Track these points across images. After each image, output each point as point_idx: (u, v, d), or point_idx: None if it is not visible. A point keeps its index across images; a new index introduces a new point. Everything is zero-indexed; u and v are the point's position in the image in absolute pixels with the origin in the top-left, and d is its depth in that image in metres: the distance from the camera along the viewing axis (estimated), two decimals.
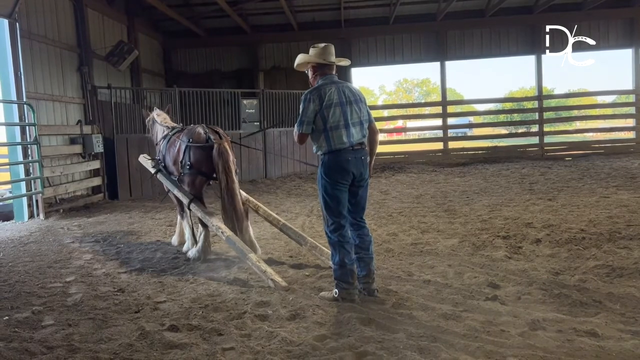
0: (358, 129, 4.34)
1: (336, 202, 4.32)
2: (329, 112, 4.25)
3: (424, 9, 17.18)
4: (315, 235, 6.94)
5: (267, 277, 4.84)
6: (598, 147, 17.90)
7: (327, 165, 4.31)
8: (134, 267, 5.75)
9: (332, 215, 4.35)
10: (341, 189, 4.31)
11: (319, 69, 4.48)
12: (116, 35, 13.40)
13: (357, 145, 4.33)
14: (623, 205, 7.79)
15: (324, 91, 4.30)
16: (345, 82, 4.50)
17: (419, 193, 10.63)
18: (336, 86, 4.36)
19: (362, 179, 4.39)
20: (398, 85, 66.76)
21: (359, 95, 4.45)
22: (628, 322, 3.58)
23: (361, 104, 4.42)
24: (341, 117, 4.27)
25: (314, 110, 4.29)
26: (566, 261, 5.13)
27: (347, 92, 4.36)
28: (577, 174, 12.25)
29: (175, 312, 4.25)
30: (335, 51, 4.63)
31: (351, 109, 4.32)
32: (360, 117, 4.37)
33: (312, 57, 4.49)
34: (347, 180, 4.31)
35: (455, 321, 3.77)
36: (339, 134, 4.26)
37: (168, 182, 6.41)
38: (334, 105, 4.27)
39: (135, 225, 8.31)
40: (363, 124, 4.40)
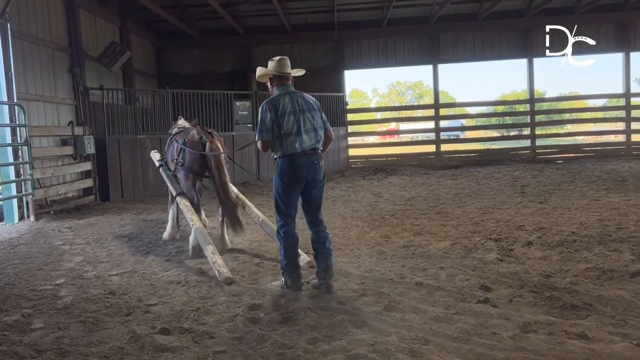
0: (311, 135, 4.68)
1: (285, 202, 4.70)
2: (284, 120, 4.61)
3: (416, 12, 17.24)
4: (308, 238, 6.93)
5: (215, 267, 5.24)
6: (589, 150, 18.03)
7: (281, 168, 4.68)
8: (126, 269, 5.72)
9: (280, 214, 4.76)
10: (292, 191, 4.68)
11: (276, 80, 4.86)
12: (108, 36, 13.34)
13: (309, 151, 4.66)
14: (613, 208, 7.85)
15: (278, 101, 4.68)
16: (300, 92, 4.84)
17: (412, 195, 10.65)
18: (290, 96, 4.72)
19: (314, 181, 4.72)
20: (391, 88, 66.90)
21: (312, 104, 4.79)
22: (618, 325, 3.60)
23: (314, 112, 4.76)
24: (294, 125, 4.62)
25: (271, 119, 4.64)
26: (557, 264, 5.16)
27: (301, 101, 4.73)
28: (568, 177, 12.33)
29: (167, 314, 4.23)
30: (328, 53, 4.72)
31: (304, 117, 4.67)
32: (313, 124, 4.70)
33: (269, 69, 4.88)
34: (299, 183, 4.67)
35: (447, 324, 3.78)
36: (292, 140, 4.61)
37: (165, 176, 7.05)
38: (287, 113, 4.63)
39: (127, 227, 8.27)
40: (317, 130, 4.73)
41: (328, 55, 17.66)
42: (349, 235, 7.07)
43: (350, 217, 8.43)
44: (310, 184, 4.71)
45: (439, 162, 17.37)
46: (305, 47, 17.69)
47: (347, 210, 9.12)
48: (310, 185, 4.71)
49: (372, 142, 23.67)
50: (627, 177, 11.78)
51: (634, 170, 13.13)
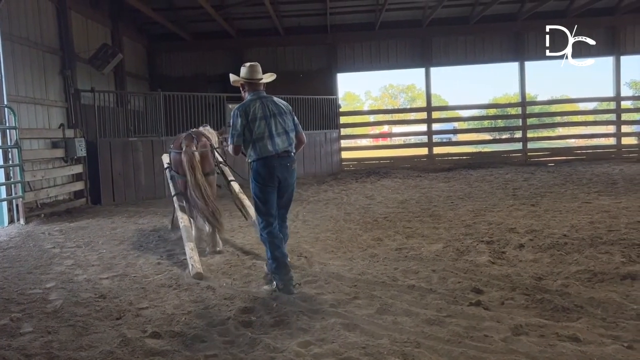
0: (284, 138, 4.85)
1: (264, 203, 4.86)
2: (255, 125, 4.79)
3: (409, 16, 17.30)
4: (301, 241, 6.94)
5: (189, 262, 5.52)
6: (580, 153, 18.15)
7: (256, 171, 4.84)
8: (117, 272, 5.68)
9: (262, 215, 4.91)
10: (269, 192, 4.84)
11: (247, 86, 5.02)
12: (100, 38, 13.28)
13: (282, 153, 4.83)
14: (604, 211, 7.89)
15: (249, 107, 4.85)
16: (271, 97, 5.01)
17: (404, 198, 10.66)
18: (261, 101, 4.90)
19: (287, 183, 4.91)
20: (384, 91, 67.10)
21: (283, 108, 4.96)
22: (609, 327, 3.61)
23: (285, 116, 4.93)
24: (265, 129, 4.79)
25: (241, 124, 4.82)
26: (549, 266, 5.18)
27: (271, 106, 4.89)
28: (559, 180, 12.39)
29: (158, 318, 4.20)
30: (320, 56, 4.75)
31: (275, 121, 4.84)
32: (284, 127, 4.87)
33: (241, 76, 5.05)
34: (274, 184, 4.84)
35: (439, 326, 3.78)
36: (264, 143, 4.78)
37: (169, 177, 7.22)
38: (258, 118, 4.80)
39: (117, 230, 8.21)
40: (288, 133, 4.90)
41: (321, 58, 17.68)
42: (341, 238, 7.06)
43: (342, 220, 8.42)
44: (283, 184, 4.89)
45: (432, 164, 17.42)
46: (298, 49, 17.70)
47: (339, 213, 9.11)
48: (282, 186, 4.89)
49: (365, 145, 23.71)
50: (618, 179, 11.86)
51: (625, 173, 13.22)
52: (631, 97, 31.01)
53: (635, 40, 17.37)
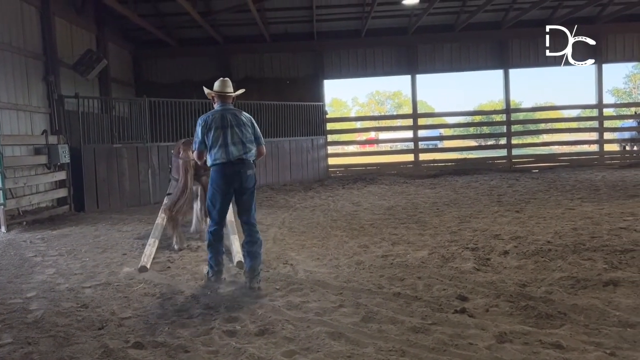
0: (239, 147, 5.20)
1: (214, 206, 5.28)
2: (211, 134, 5.20)
3: (395, 23, 17.42)
4: (286, 248, 6.92)
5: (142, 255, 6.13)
6: (564, 160, 18.37)
7: (212, 176, 5.30)
8: (99, 281, 5.61)
9: (210, 216, 5.39)
10: (220, 197, 5.23)
11: (217, 98, 5.45)
12: (85, 44, 13.16)
13: (236, 160, 5.17)
14: (587, 217, 7.98)
15: (210, 117, 5.29)
16: (235, 110, 5.40)
17: (391, 204, 10.69)
18: (222, 112, 5.30)
19: (243, 188, 5.23)
20: (370, 97, 67.39)
21: (243, 120, 5.32)
22: (592, 334, 3.64)
23: (243, 127, 5.28)
24: (220, 138, 5.18)
25: (202, 132, 5.25)
26: (533, 273, 5.21)
27: (230, 118, 5.26)
28: (543, 186, 12.52)
29: (141, 328, 4.15)
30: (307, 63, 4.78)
31: (232, 131, 5.21)
32: (241, 137, 5.23)
33: (214, 89, 5.49)
34: (226, 189, 5.20)
35: (424, 334, 3.78)
36: (218, 150, 5.18)
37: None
38: (215, 128, 5.20)
39: (101, 238, 8.11)
40: (245, 143, 5.24)
41: (307, 65, 17.72)
42: (327, 245, 7.05)
43: (329, 227, 8.41)
44: (239, 190, 5.23)
45: (418, 171, 17.51)
46: (285, 56, 17.72)
47: (326, 220, 9.10)
48: (239, 191, 5.24)
49: (352, 152, 23.75)
50: (601, 186, 12.02)
51: (607, 179, 13.40)
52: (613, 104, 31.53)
53: (617, 48, 17.68)
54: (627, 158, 18.26)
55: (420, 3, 14.68)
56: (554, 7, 16.59)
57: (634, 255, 5.55)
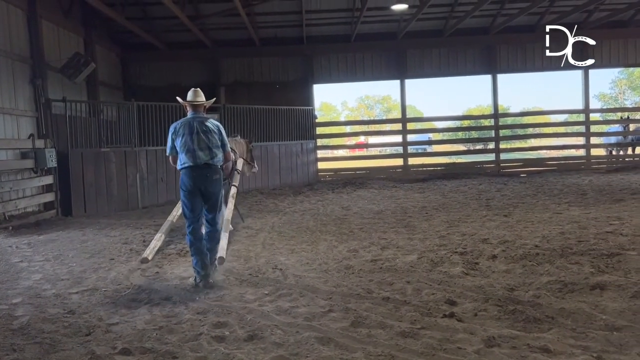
0: (206, 153, 5.59)
1: (186, 207, 5.64)
2: (179, 140, 5.63)
3: (384, 28, 17.51)
4: (276, 253, 6.90)
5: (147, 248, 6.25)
6: (551, 164, 18.54)
7: (181, 178, 5.66)
8: (87, 287, 5.56)
9: (185, 218, 5.69)
10: (189, 198, 5.59)
11: (189, 107, 5.84)
12: (72, 47, 13.06)
13: (202, 165, 5.56)
14: (574, 221, 8.05)
15: (179, 124, 5.73)
16: (203, 118, 5.78)
17: (380, 209, 10.71)
18: (190, 120, 5.71)
19: (208, 191, 5.60)
20: (360, 102, 67.64)
21: (211, 128, 5.72)
22: (579, 338, 3.67)
23: (210, 134, 5.66)
24: (187, 143, 5.58)
25: (172, 138, 5.70)
26: (521, 277, 5.24)
27: (197, 125, 5.64)
28: (531, 191, 12.62)
29: (128, 334, 4.11)
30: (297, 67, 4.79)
31: (198, 138, 5.58)
32: (207, 144, 5.61)
33: (187, 99, 5.87)
34: (194, 191, 5.57)
35: (413, 339, 3.78)
36: (184, 155, 5.58)
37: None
38: (183, 134, 5.62)
39: (88, 243, 8.04)
40: (211, 149, 5.63)
41: (297, 69, 17.74)
42: (317, 249, 7.05)
43: (318, 231, 8.41)
44: (205, 192, 5.60)
45: (407, 175, 17.57)
46: (274, 60, 17.73)
47: (315, 224, 9.10)
48: (205, 194, 5.61)
49: (341, 156, 23.79)
50: (588, 190, 12.13)
51: (594, 184, 13.53)
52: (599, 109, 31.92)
53: (603, 54, 17.90)
54: (614, 162, 18.47)
55: (409, 8, 14.77)
56: (541, 13, 16.78)
57: (620, 259, 5.59)
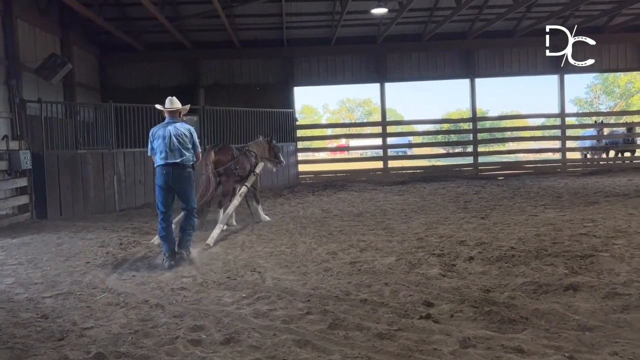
0: (176, 154, 6.53)
1: (159, 201, 6.64)
2: (155, 142, 6.64)
3: (364, 32, 17.61)
4: (255, 255, 6.88)
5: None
6: (528, 167, 18.82)
7: (155, 175, 6.66)
8: (61, 291, 5.45)
9: (158, 210, 6.69)
10: (161, 193, 6.59)
11: (166, 113, 6.85)
12: (48, 47, 12.86)
13: (172, 164, 6.51)
14: (550, 224, 8.18)
15: (155, 129, 6.75)
16: (177, 123, 6.71)
17: (360, 211, 10.75)
18: (165, 125, 6.69)
19: (177, 185, 6.59)
20: (341, 105, 67.80)
21: (183, 132, 6.64)
22: (552, 338, 3.73)
23: (181, 137, 6.58)
24: (160, 145, 6.56)
25: (150, 140, 6.72)
26: (496, 278, 5.31)
27: (171, 129, 6.59)
28: (508, 193, 12.79)
29: (103, 338, 4.05)
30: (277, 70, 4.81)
31: (170, 140, 6.53)
32: (178, 146, 6.54)
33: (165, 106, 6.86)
34: (164, 185, 6.55)
35: (389, 340, 3.80)
36: (159, 155, 6.57)
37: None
38: (157, 137, 6.63)
39: (64, 246, 7.90)
40: (181, 150, 6.55)
41: (277, 71, 17.73)
42: (296, 252, 7.04)
43: (298, 234, 8.39)
44: (175, 187, 6.60)
45: (387, 178, 17.66)
46: (254, 62, 17.69)
47: (295, 227, 9.08)
48: (177, 187, 6.61)
49: (322, 158, 23.82)
50: (563, 193, 12.35)
51: (569, 186, 13.78)
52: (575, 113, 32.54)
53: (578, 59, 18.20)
54: (589, 166, 18.84)
55: (388, 12, 14.88)
56: (518, 18, 17.07)
57: (593, 260, 5.71)
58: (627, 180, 14.48)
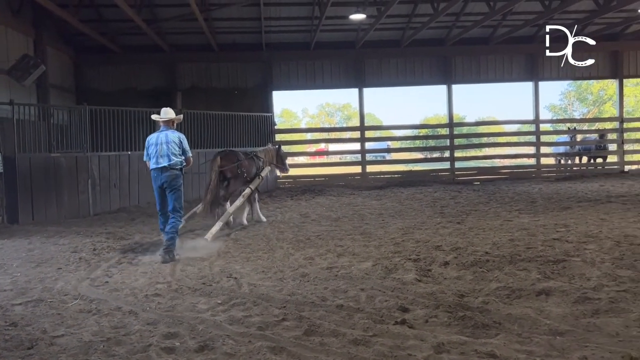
0: (165, 159, 7.24)
1: (156, 200, 7.51)
2: (149, 148, 7.40)
3: (343, 37, 17.69)
4: (231, 261, 6.84)
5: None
6: (504, 173, 19.10)
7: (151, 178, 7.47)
8: (31, 298, 5.33)
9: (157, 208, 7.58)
10: (156, 194, 7.44)
11: (161, 122, 7.55)
12: (21, 48, 12.60)
13: (162, 168, 7.22)
14: (524, 229, 8.31)
15: (150, 136, 7.52)
16: (169, 131, 7.40)
17: (338, 216, 10.77)
18: (158, 133, 7.41)
19: (167, 187, 7.29)
20: (321, 109, 67.84)
21: (174, 139, 7.34)
22: (524, 342, 3.77)
23: (171, 144, 7.28)
24: (154, 151, 7.32)
25: (146, 147, 7.48)
26: (471, 283, 5.36)
27: (162, 137, 7.33)
28: (484, 198, 12.96)
29: (74, 347, 3.97)
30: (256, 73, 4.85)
31: (161, 147, 7.27)
32: (167, 152, 7.25)
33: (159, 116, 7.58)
34: (156, 187, 7.36)
35: (365, 346, 3.81)
36: (152, 160, 7.36)
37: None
38: (150, 145, 7.41)
39: (35, 251, 7.73)
40: (170, 156, 7.24)
41: (256, 75, 17.69)
42: (273, 257, 7.01)
43: (275, 239, 8.37)
44: (166, 188, 7.32)
45: (365, 182, 17.74)
46: (233, 66, 17.62)
47: (273, 232, 9.05)
48: (166, 189, 7.32)
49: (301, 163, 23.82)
50: (537, 198, 12.56)
51: (543, 192, 14.02)
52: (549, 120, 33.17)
53: (552, 67, 18.63)
54: (562, 171, 19.20)
55: (367, 18, 14.97)
56: (494, 26, 17.34)
57: (565, 265, 5.81)
58: (599, 186, 14.80)
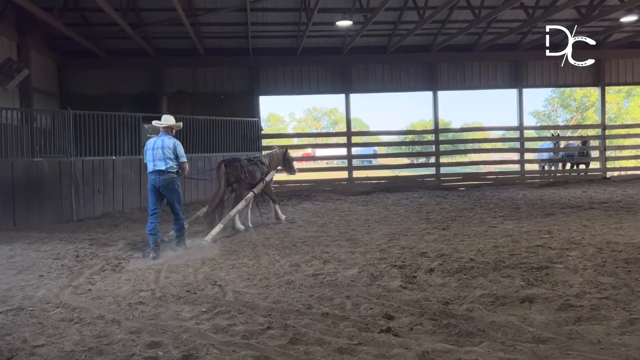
0: (161, 163, 7.69)
1: (148, 201, 7.94)
2: (146, 152, 7.86)
3: (329, 43, 17.75)
4: (216, 268, 6.79)
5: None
6: (488, 179, 19.26)
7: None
8: (11, 306, 5.24)
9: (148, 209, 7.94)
10: (149, 194, 7.86)
11: (161, 128, 8.00)
12: (5, 52, 12.44)
13: (158, 171, 7.69)
14: (508, 235, 8.38)
15: (148, 141, 7.97)
16: (166, 137, 7.85)
17: (324, 222, 10.77)
18: (156, 138, 7.88)
19: (163, 189, 7.76)
20: (308, 113, 67.90)
21: (166, 145, 7.75)
22: (507, 350, 3.80)
23: (166, 149, 7.72)
24: (150, 155, 7.77)
25: (145, 152, 7.93)
26: (456, 290, 5.39)
27: (158, 142, 7.78)
28: (469, 204, 13.05)
29: (55, 357, 3.91)
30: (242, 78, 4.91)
31: (157, 152, 7.71)
32: (163, 156, 7.69)
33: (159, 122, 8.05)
34: (152, 189, 7.79)
35: (349, 355, 3.80)
36: (149, 164, 7.81)
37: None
38: (149, 149, 7.84)
39: (16, 258, 7.61)
40: (165, 159, 7.69)
41: (243, 80, 17.66)
42: (259, 264, 6.98)
43: (261, 245, 8.34)
44: (162, 191, 7.79)
45: (351, 188, 17.76)
46: (219, 71, 17.58)
47: (258, 238, 9.02)
48: (164, 192, 7.80)
49: None
50: (521, 204, 12.67)
51: (527, 198, 14.17)
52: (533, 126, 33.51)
53: (536, 74, 18.89)
54: (546, 177, 19.42)
55: (353, 25, 15.04)
56: (479, 33, 17.52)
57: (548, 272, 5.87)
58: (582, 192, 14.99)
